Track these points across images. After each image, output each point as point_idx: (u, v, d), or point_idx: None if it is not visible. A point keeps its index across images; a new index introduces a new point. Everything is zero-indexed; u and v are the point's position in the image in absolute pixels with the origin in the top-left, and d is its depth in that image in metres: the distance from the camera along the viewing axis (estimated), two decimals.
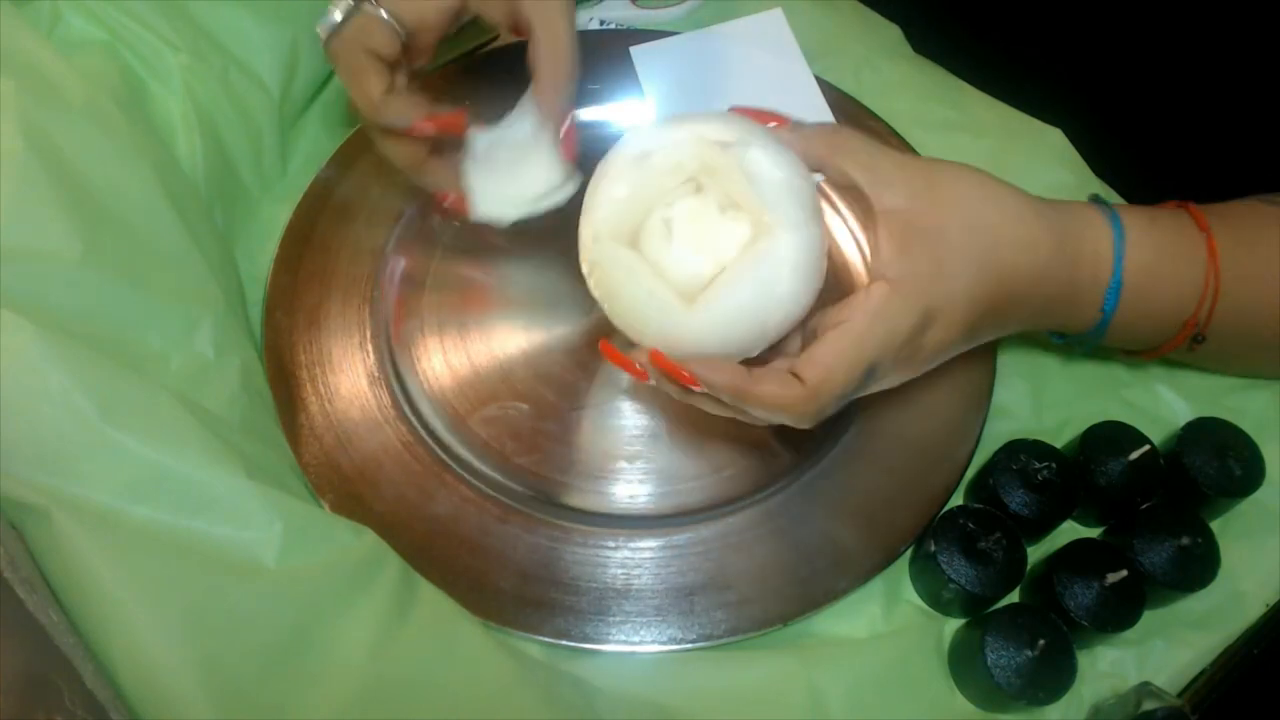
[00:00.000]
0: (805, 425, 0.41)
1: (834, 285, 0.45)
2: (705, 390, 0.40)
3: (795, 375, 0.39)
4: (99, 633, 0.36)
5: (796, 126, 0.42)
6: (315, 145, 0.60)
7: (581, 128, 0.51)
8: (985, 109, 0.61)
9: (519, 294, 0.56)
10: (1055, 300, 0.43)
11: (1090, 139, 0.59)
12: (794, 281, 0.39)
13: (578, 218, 0.42)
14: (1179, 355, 0.48)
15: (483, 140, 0.51)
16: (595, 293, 0.42)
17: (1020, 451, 0.47)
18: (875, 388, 0.41)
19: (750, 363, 0.41)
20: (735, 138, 0.39)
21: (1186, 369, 0.52)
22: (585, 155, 0.48)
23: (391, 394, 0.50)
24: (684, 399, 0.42)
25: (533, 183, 0.50)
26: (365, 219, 0.56)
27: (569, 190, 0.51)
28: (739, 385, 0.39)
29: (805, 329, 0.42)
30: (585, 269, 0.42)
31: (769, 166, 0.39)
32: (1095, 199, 0.45)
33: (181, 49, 0.52)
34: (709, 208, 0.39)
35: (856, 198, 0.41)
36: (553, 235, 0.55)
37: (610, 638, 0.44)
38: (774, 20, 0.63)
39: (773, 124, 0.42)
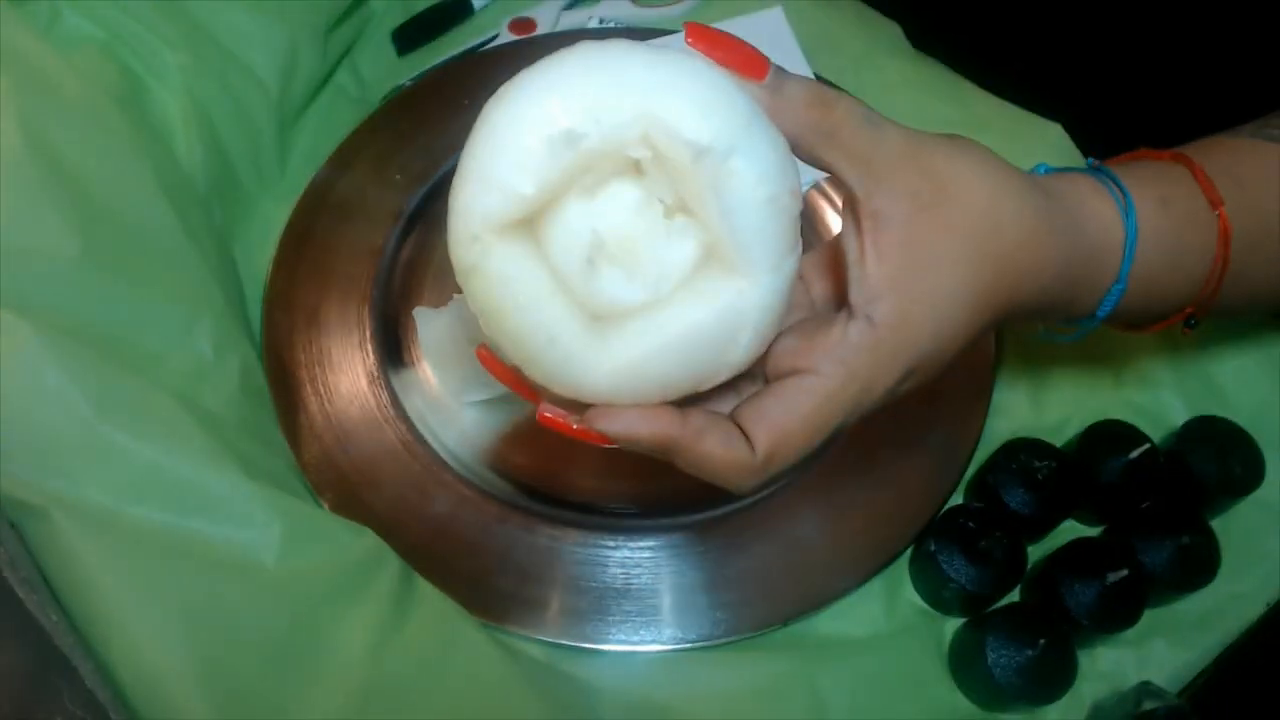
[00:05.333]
0: (743, 494, 0.33)
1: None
2: (618, 444, 0.31)
3: (741, 430, 0.31)
4: (99, 633, 0.36)
5: (777, 84, 0.32)
6: (314, 144, 0.60)
7: None
8: (986, 105, 0.61)
9: None
10: (1049, 312, 0.42)
11: (1090, 134, 0.59)
12: (757, 332, 0.29)
13: None
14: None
15: (441, 320, 0.50)
16: (470, 302, 0.30)
17: (1020, 450, 0.47)
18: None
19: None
20: (711, 136, 0.27)
21: (1189, 366, 0.52)
22: None
23: (391, 394, 0.50)
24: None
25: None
26: (364, 218, 0.56)
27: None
28: (670, 438, 0.30)
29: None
30: (458, 269, 0.29)
31: (753, 183, 0.28)
32: (1101, 173, 0.39)
33: (180, 48, 0.51)
34: (650, 212, 0.29)
35: (839, 183, 0.33)
36: None
37: (610, 638, 0.44)
38: (774, 19, 0.63)
39: (749, 76, 0.32)
